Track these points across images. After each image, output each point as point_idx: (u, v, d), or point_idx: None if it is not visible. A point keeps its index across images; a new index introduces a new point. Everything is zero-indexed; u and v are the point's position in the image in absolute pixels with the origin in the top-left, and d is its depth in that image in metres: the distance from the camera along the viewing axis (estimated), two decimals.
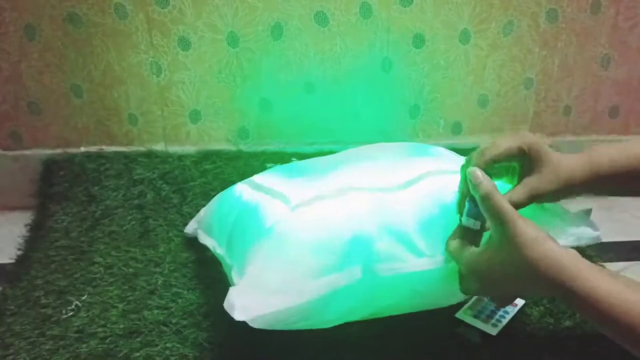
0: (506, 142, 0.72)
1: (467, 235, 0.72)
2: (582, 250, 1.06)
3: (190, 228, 1.04)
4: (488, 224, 0.68)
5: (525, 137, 0.73)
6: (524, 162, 0.74)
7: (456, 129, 1.28)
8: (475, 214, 0.70)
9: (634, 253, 1.12)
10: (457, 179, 0.75)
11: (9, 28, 1.10)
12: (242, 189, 0.91)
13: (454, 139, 1.28)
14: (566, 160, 0.74)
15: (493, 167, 0.73)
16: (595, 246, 1.07)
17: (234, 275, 0.76)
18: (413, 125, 1.26)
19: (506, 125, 1.28)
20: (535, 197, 0.73)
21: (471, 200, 0.70)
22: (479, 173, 0.68)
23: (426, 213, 0.75)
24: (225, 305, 0.70)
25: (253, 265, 0.73)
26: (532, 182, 0.73)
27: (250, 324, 0.69)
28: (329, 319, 0.75)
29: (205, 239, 0.95)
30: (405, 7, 1.15)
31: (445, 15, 1.16)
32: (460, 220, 0.73)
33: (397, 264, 0.73)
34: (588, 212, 0.85)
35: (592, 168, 0.74)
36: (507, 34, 1.19)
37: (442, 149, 0.95)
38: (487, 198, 0.66)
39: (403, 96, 1.23)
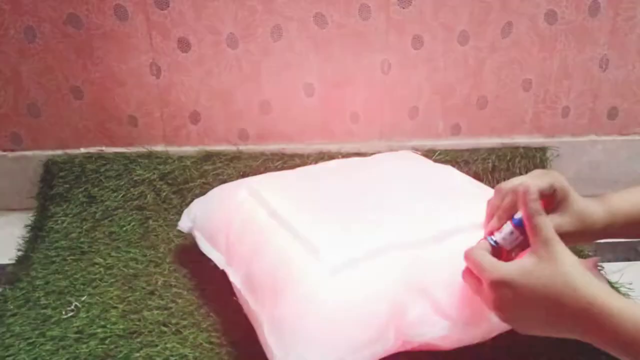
0: (535, 182, 0.71)
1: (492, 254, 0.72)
2: (580, 250, 1.06)
3: (184, 225, 1.01)
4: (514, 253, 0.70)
5: (553, 176, 0.73)
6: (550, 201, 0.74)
7: (455, 130, 1.28)
8: (511, 238, 0.71)
9: (632, 253, 1.12)
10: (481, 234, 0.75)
11: (9, 30, 1.11)
12: (254, 206, 0.89)
13: (453, 140, 1.28)
14: (589, 208, 0.74)
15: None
16: (594, 246, 1.08)
17: (266, 332, 0.74)
18: (412, 126, 1.26)
19: (505, 127, 1.28)
20: (559, 235, 0.72)
21: (516, 222, 0.70)
22: (536, 192, 0.68)
23: (454, 273, 0.74)
24: None
25: (295, 340, 0.71)
26: (555, 220, 0.73)
27: None
28: None
29: (210, 252, 0.93)
30: (403, 8, 1.15)
31: (444, 17, 1.16)
32: (492, 239, 0.72)
33: (425, 328, 0.73)
34: (596, 262, 0.86)
35: (611, 219, 0.75)
36: (505, 35, 1.19)
37: (461, 180, 0.96)
38: (538, 216, 0.66)
39: (402, 97, 1.24)
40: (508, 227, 0.71)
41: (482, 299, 0.69)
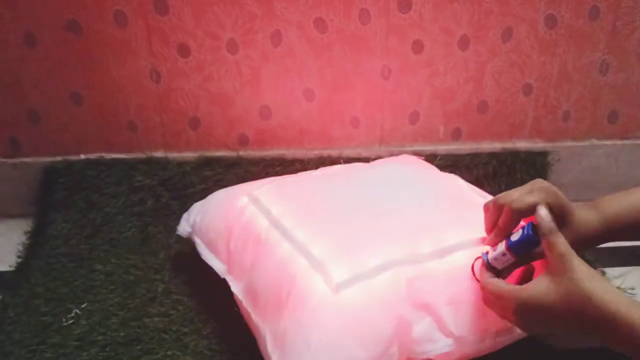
0: (532, 197, 0.72)
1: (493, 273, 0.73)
2: (581, 255, 1.06)
3: (183, 230, 1.01)
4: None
5: (551, 191, 0.73)
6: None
7: (456, 135, 1.28)
8: (503, 259, 0.72)
9: (633, 258, 1.12)
10: (484, 249, 0.76)
11: (9, 36, 1.11)
12: (254, 214, 0.89)
13: (453, 144, 1.28)
14: (584, 218, 0.75)
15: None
16: (595, 251, 1.08)
17: (269, 345, 0.74)
18: (413, 131, 1.26)
19: (505, 131, 1.28)
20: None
21: (510, 245, 0.71)
22: (547, 211, 0.69)
23: (457, 290, 0.76)
24: None
25: (299, 357, 0.71)
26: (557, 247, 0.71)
27: None
28: None
29: (210, 259, 0.92)
30: (403, 13, 1.15)
31: (444, 22, 1.16)
32: (486, 257, 0.73)
33: (429, 345, 0.73)
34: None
35: (607, 225, 0.76)
36: (506, 40, 1.19)
37: (466, 189, 0.97)
38: (553, 234, 0.67)
39: (402, 102, 1.23)
40: (501, 247, 0.72)
41: (510, 321, 0.70)
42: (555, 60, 1.22)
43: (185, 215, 1.02)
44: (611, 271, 1.06)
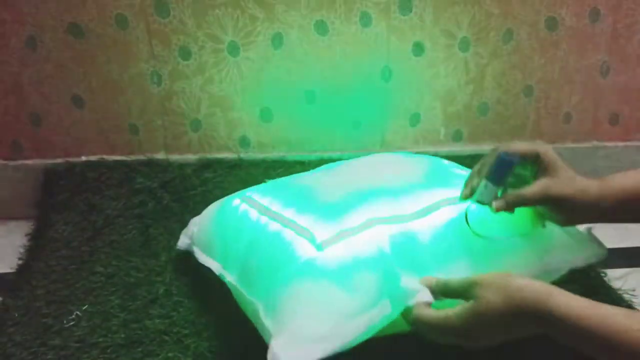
0: (523, 145, 0.75)
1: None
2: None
3: (182, 243, 1.02)
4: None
5: (541, 146, 0.75)
6: (539, 168, 0.75)
7: (457, 136, 1.28)
8: (487, 192, 0.75)
9: (635, 259, 1.12)
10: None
11: (11, 39, 1.11)
12: (246, 209, 0.89)
13: (454, 146, 1.28)
14: (579, 177, 0.76)
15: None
16: None
17: (262, 316, 0.75)
18: (414, 133, 1.26)
19: (506, 133, 1.28)
20: (548, 197, 0.75)
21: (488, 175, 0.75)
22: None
23: (442, 244, 0.77)
24: (270, 358, 0.70)
25: (290, 314, 0.72)
26: (546, 182, 0.75)
27: None
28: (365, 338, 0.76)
29: (207, 261, 0.92)
30: (404, 15, 1.15)
31: (445, 24, 1.17)
32: (473, 200, 0.76)
33: (419, 294, 0.73)
34: (589, 229, 0.86)
35: (605, 190, 0.75)
36: (506, 42, 1.19)
37: (448, 164, 0.98)
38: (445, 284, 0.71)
39: (403, 104, 1.24)
40: (482, 182, 0.75)
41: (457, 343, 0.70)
42: (556, 62, 1.22)
43: (184, 231, 1.03)
44: (612, 272, 1.06)
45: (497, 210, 0.75)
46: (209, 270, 0.91)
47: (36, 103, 1.16)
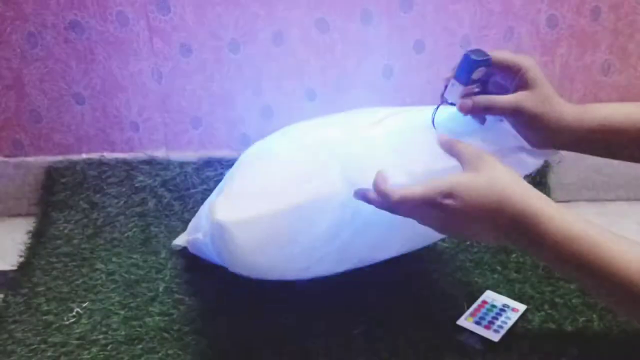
0: (508, 55, 0.75)
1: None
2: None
3: (180, 240, 1.04)
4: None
5: (527, 60, 0.75)
6: (520, 82, 0.75)
7: None
8: (453, 90, 0.77)
9: None
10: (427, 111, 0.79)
11: (11, 36, 1.11)
12: None
13: None
14: (558, 97, 0.76)
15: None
16: None
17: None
18: None
19: None
20: (520, 110, 0.74)
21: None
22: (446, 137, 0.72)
23: (399, 138, 0.77)
24: (208, 212, 0.70)
25: (233, 179, 0.74)
26: (522, 94, 0.75)
27: (234, 232, 0.69)
28: (317, 241, 0.75)
29: (194, 234, 0.94)
30: (405, 13, 1.15)
31: (446, 22, 1.16)
32: (445, 100, 0.78)
33: (373, 172, 0.71)
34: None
35: (583, 114, 0.76)
36: (507, 40, 1.19)
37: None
38: (454, 145, 0.70)
39: (404, 102, 1.23)
40: (451, 80, 0.77)
41: (425, 221, 0.69)
42: (556, 60, 1.22)
43: (182, 234, 1.04)
44: None
45: (462, 108, 0.75)
46: (209, 267, 0.91)
47: (37, 100, 1.16)
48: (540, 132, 0.76)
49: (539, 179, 1.20)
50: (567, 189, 0.76)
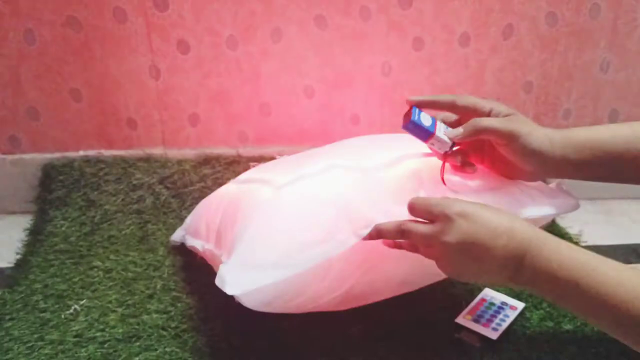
0: (472, 98, 0.76)
1: None
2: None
3: (177, 236, 1.04)
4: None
5: (494, 102, 0.76)
6: None
7: None
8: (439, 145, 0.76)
9: (633, 256, 1.12)
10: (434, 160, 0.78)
11: (8, 33, 1.10)
12: (227, 188, 0.92)
13: None
14: (539, 134, 0.75)
15: None
16: (594, 249, 1.08)
17: (223, 259, 0.75)
18: None
19: None
20: (515, 133, 0.73)
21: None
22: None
23: (405, 191, 0.75)
24: (217, 281, 0.70)
25: (242, 243, 0.73)
26: (510, 119, 0.75)
27: (244, 301, 0.69)
28: (322, 291, 0.75)
29: (192, 242, 0.95)
30: (404, 10, 1.15)
31: (445, 19, 1.16)
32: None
33: (376, 216, 0.72)
34: (561, 183, 0.85)
35: (568, 138, 0.75)
36: (506, 37, 1.19)
37: None
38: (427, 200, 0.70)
39: (403, 99, 1.23)
40: (429, 143, 0.76)
41: (434, 241, 0.68)
42: (556, 58, 1.22)
43: (179, 229, 1.04)
44: None
45: (454, 140, 0.74)
46: (206, 264, 0.91)
47: (34, 97, 1.16)
48: (535, 156, 0.75)
49: None
50: (566, 188, 0.77)
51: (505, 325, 0.86)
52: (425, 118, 0.76)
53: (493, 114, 0.75)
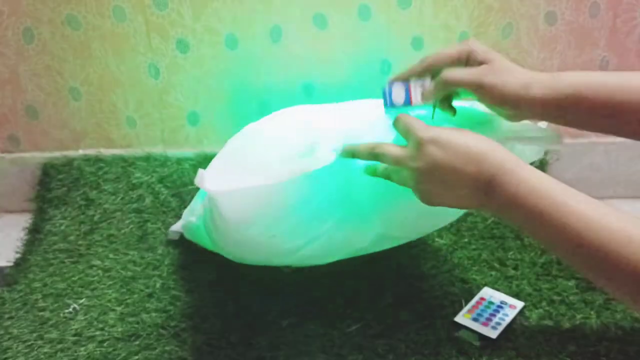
0: (443, 49, 0.76)
1: None
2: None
3: (176, 227, 1.05)
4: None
5: (471, 44, 0.75)
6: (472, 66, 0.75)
7: None
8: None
9: None
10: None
11: (7, 31, 1.10)
12: None
13: None
14: (517, 66, 0.75)
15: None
16: None
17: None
18: None
19: None
20: (482, 83, 0.73)
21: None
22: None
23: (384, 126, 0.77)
24: (196, 180, 0.70)
25: (222, 152, 0.76)
26: (481, 69, 0.73)
27: (223, 208, 0.70)
28: (305, 216, 0.75)
29: (186, 218, 0.95)
30: (404, 9, 1.14)
31: (444, 18, 1.16)
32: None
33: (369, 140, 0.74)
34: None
35: (552, 80, 0.74)
36: (506, 36, 1.19)
37: None
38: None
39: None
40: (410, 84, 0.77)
41: (404, 165, 0.69)
42: (555, 56, 1.22)
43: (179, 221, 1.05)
44: None
45: (425, 99, 0.75)
46: (206, 263, 0.91)
47: (33, 96, 1.16)
48: (507, 103, 0.74)
49: None
50: None
51: (504, 324, 0.86)
52: (398, 94, 0.77)
53: (470, 62, 0.75)
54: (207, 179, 0.69)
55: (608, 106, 0.71)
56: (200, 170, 0.71)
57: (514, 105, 0.73)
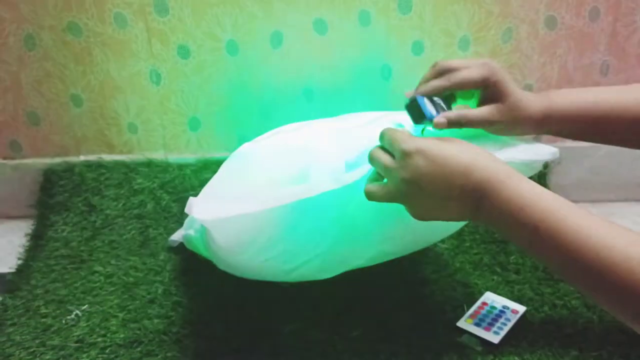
0: (469, 72, 0.76)
1: None
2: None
3: (177, 235, 1.05)
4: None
5: (491, 69, 0.76)
6: (486, 91, 0.77)
7: None
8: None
9: None
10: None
11: (9, 38, 1.11)
12: None
13: None
14: (525, 100, 0.77)
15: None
16: None
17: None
18: None
19: None
20: (489, 122, 0.77)
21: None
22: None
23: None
24: (186, 209, 0.70)
25: (214, 179, 0.76)
26: (491, 109, 0.76)
27: (210, 229, 0.69)
28: (297, 241, 0.75)
29: (186, 230, 0.94)
30: (404, 14, 1.15)
31: (444, 23, 1.16)
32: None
33: (365, 167, 0.72)
34: (537, 138, 0.88)
35: (551, 108, 0.78)
36: (506, 40, 1.19)
37: None
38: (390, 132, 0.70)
39: (402, 104, 1.23)
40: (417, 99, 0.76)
41: (389, 177, 0.68)
42: (555, 61, 1.22)
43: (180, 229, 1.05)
44: None
45: (437, 125, 0.74)
46: (208, 269, 0.91)
47: (34, 102, 1.16)
48: (512, 130, 0.80)
49: (537, 181, 1.19)
50: (565, 190, 0.76)
51: (506, 329, 0.86)
52: (431, 110, 0.76)
53: (489, 89, 0.77)
54: (196, 207, 0.69)
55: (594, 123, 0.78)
56: (190, 199, 0.72)
57: (520, 133, 0.80)
